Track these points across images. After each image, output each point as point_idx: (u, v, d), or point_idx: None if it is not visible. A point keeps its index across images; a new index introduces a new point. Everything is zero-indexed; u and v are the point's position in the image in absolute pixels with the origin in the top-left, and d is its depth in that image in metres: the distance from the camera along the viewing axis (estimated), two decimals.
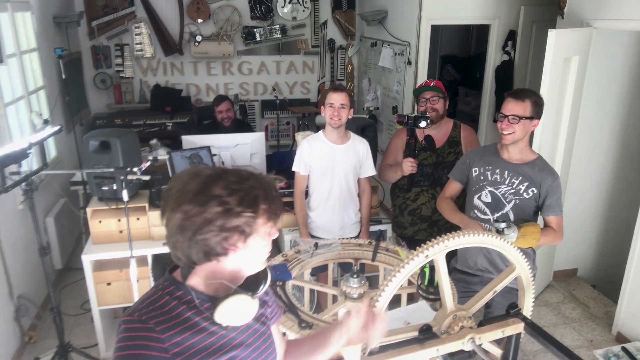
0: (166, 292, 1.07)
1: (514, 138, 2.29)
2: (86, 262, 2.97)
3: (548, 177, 2.31)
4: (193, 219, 1.00)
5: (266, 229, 1.08)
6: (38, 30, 4.22)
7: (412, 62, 4.62)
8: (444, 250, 1.71)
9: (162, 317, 1.02)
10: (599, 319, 3.66)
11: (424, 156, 2.92)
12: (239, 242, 1.04)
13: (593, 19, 3.43)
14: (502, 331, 1.80)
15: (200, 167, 1.14)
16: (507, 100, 2.30)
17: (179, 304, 1.05)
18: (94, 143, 2.96)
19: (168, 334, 1.00)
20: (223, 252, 1.04)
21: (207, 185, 1.02)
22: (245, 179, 1.06)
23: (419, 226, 3.01)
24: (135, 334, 0.99)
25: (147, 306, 1.04)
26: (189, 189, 1.02)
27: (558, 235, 2.34)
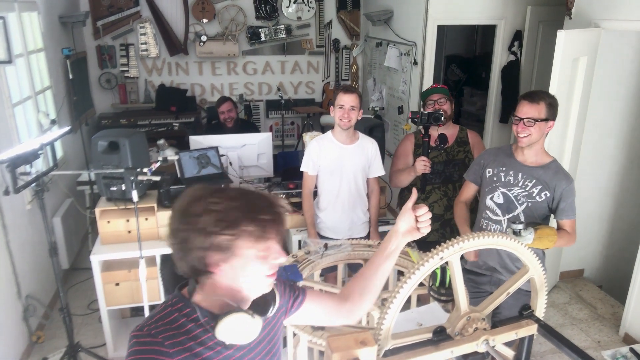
0: (175, 309, 1.08)
1: (530, 141, 2.29)
2: (95, 263, 2.97)
3: (562, 181, 2.30)
4: (176, 236, 1.05)
5: (255, 252, 1.05)
6: (44, 30, 4.22)
7: (418, 62, 4.62)
8: (459, 252, 1.70)
9: (170, 332, 1.04)
10: (606, 319, 3.65)
11: (434, 154, 2.93)
12: (222, 262, 1.04)
13: (601, 20, 3.43)
14: (516, 333, 1.80)
15: (205, 185, 1.11)
16: (522, 103, 2.29)
17: (187, 322, 1.07)
18: (103, 143, 2.96)
19: (176, 349, 1.02)
20: (207, 270, 1.05)
21: (190, 204, 1.05)
22: (232, 198, 1.05)
23: (432, 226, 2.98)
24: (145, 347, 1.01)
25: (157, 321, 1.06)
26: (177, 206, 1.08)
27: (571, 238, 2.34)
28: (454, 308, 2.19)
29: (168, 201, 3.07)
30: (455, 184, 2.97)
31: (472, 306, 1.80)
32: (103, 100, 5.93)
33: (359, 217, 2.95)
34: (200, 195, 1.06)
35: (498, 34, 4.65)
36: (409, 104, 4.86)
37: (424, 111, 2.74)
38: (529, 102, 2.26)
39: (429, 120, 2.70)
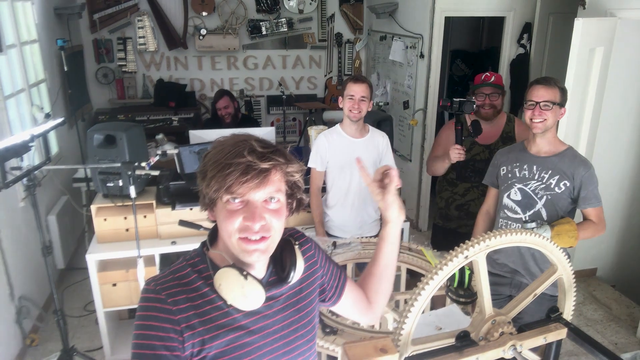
0: (189, 264, 1.06)
1: (545, 126, 2.17)
2: (91, 262, 2.83)
3: (580, 167, 2.17)
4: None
5: (221, 203, 0.99)
6: (39, 21, 4.08)
7: (425, 56, 4.48)
8: (484, 250, 1.57)
9: (177, 288, 1.00)
10: (622, 320, 3.53)
11: (477, 151, 2.80)
12: (209, 209, 1.04)
13: (617, 9, 3.29)
14: (545, 337, 1.67)
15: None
16: (535, 87, 2.18)
17: (198, 278, 1.03)
18: (99, 137, 2.82)
19: (180, 306, 0.98)
20: (208, 218, 1.06)
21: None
22: (220, 144, 1.01)
23: (465, 221, 2.90)
24: (148, 304, 0.98)
25: (167, 275, 1.03)
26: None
27: (599, 228, 2.21)
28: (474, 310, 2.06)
29: (167, 198, 2.94)
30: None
31: (496, 309, 1.67)
32: (100, 96, 5.79)
33: (369, 215, 2.80)
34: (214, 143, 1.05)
35: (507, 26, 4.52)
36: (415, 98, 4.73)
37: (455, 99, 2.60)
38: (545, 85, 2.16)
39: (460, 109, 2.56)
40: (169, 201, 2.95)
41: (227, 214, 0.99)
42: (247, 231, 0.99)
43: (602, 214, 2.24)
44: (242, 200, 0.98)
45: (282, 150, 1.03)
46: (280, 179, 1.02)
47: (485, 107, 2.75)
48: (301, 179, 1.07)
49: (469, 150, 2.80)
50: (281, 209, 1.04)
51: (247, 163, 0.95)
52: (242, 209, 0.98)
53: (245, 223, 0.98)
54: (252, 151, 0.96)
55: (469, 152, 2.79)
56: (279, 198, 1.02)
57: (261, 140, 1.01)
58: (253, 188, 0.97)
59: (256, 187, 0.97)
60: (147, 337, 0.95)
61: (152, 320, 0.96)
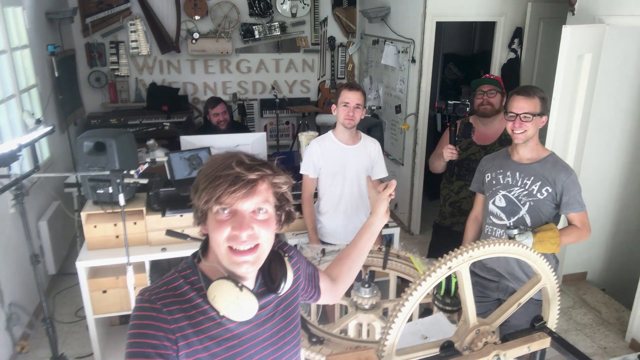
0: (182, 275, 1.08)
1: (526, 136, 2.20)
2: (81, 269, 2.82)
3: (562, 173, 2.20)
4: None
5: (212, 214, 1.03)
6: (30, 26, 4.07)
7: (417, 60, 4.50)
8: (468, 261, 1.59)
9: (171, 299, 1.03)
10: (611, 324, 3.55)
11: (473, 151, 2.86)
12: (201, 222, 1.07)
13: (605, 15, 3.32)
14: (528, 347, 1.69)
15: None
16: (515, 98, 2.20)
17: (190, 289, 1.05)
18: (89, 144, 2.81)
19: (175, 316, 1.01)
20: (201, 231, 1.09)
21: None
22: (213, 160, 1.05)
23: (458, 218, 2.97)
24: (143, 313, 1.00)
25: (161, 286, 1.06)
26: None
27: (583, 233, 2.22)
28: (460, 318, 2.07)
29: (157, 204, 2.93)
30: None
31: (481, 318, 1.68)
32: (93, 100, 5.77)
33: (361, 222, 2.78)
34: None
35: (498, 31, 4.55)
36: (407, 102, 4.74)
37: (450, 102, 2.65)
38: (525, 96, 2.18)
39: (454, 111, 2.65)
40: (159, 208, 2.94)
41: (216, 224, 1.01)
42: (235, 240, 1.01)
43: (585, 218, 2.26)
44: (231, 210, 1.01)
45: (269, 164, 1.07)
46: (268, 190, 1.05)
47: (483, 104, 2.81)
48: (289, 191, 1.10)
49: (466, 150, 2.87)
50: (269, 220, 1.06)
51: (236, 174, 0.99)
52: (230, 219, 1.01)
53: (233, 232, 1.00)
54: (240, 163, 1.01)
55: (466, 151, 2.86)
56: (267, 209, 1.05)
57: (250, 155, 1.06)
58: (241, 198, 1.00)
59: (244, 197, 1.00)
60: (142, 345, 0.97)
61: (147, 329, 0.98)
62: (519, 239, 2.10)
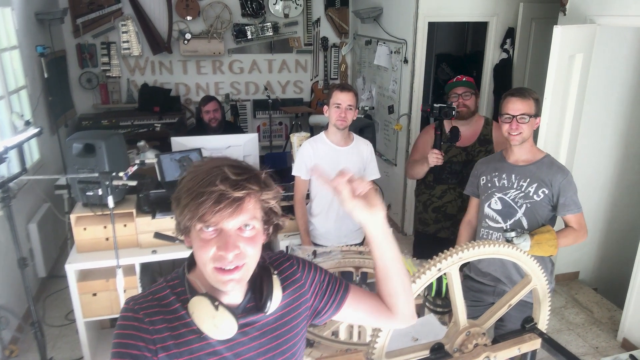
0: (169, 285, 1.06)
1: (522, 138, 2.21)
2: (70, 272, 2.80)
3: (558, 174, 2.20)
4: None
5: (195, 231, 0.97)
6: (19, 27, 4.03)
7: (409, 61, 4.50)
8: (457, 262, 1.58)
9: (155, 309, 1.01)
10: (603, 324, 3.56)
11: (454, 153, 2.82)
12: (185, 235, 1.02)
13: (597, 15, 3.33)
14: (519, 348, 1.68)
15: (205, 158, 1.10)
16: (511, 100, 2.21)
17: (176, 300, 1.04)
18: (78, 146, 2.79)
19: (157, 326, 0.99)
20: (186, 243, 1.04)
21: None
22: (195, 169, 0.99)
23: (443, 224, 2.94)
24: (126, 322, 1.00)
25: (147, 296, 1.04)
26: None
27: (580, 234, 2.23)
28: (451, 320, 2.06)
29: (147, 206, 2.91)
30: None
31: (471, 320, 1.68)
32: (84, 101, 5.73)
33: (353, 224, 2.80)
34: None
35: (490, 32, 4.55)
36: (400, 103, 4.74)
37: (436, 105, 2.63)
38: (520, 98, 2.19)
39: (440, 115, 2.61)
40: (149, 210, 2.92)
41: (200, 243, 0.97)
42: (221, 261, 0.97)
43: (582, 220, 2.26)
44: (216, 229, 0.96)
45: (257, 177, 1.00)
46: (255, 206, 1.00)
47: (459, 106, 2.78)
48: (277, 204, 1.05)
49: (446, 153, 2.83)
50: (256, 235, 1.02)
51: (220, 192, 0.93)
52: (215, 237, 0.97)
53: (219, 253, 0.96)
54: (225, 179, 0.94)
55: (446, 154, 2.82)
56: (254, 225, 1.00)
57: (236, 166, 0.99)
58: (226, 217, 0.95)
59: (229, 216, 0.95)
60: (123, 355, 0.97)
61: (129, 339, 0.98)
62: (516, 242, 2.10)
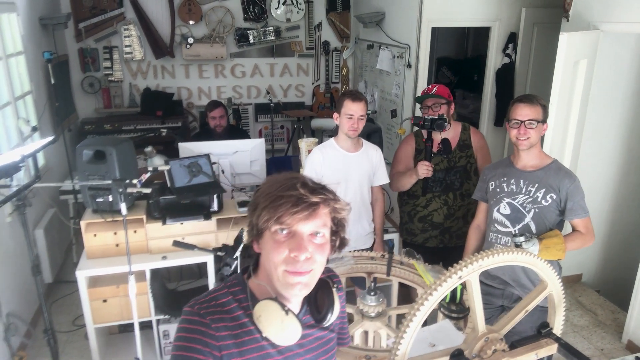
0: (231, 292, 1.08)
1: (530, 143, 2.25)
2: (81, 278, 2.80)
3: (565, 179, 2.24)
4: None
5: (269, 232, 1.02)
6: (24, 32, 4.03)
7: (412, 65, 4.53)
8: (477, 270, 1.60)
9: (219, 315, 1.03)
10: (607, 326, 3.60)
11: (436, 160, 2.82)
12: (255, 240, 1.07)
13: (600, 22, 3.37)
14: (536, 353, 1.71)
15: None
16: (519, 105, 2.24)
17: (238, 307, 1.06)
18: (88, 152, 2.80)
19: (222, 333, 1.01)
20: (253, 249, 1.08)
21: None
22: (274, 180, 1.06)
23: (430, 233, 2.92)
24: (192, 326, 1.01)
25: (210, 301, 1.06)
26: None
27: (587, 238, 2.27)
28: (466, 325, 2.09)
29: (158, 212, 2.92)
30: (456, 192, 2.88)
31: (489, 326, 1.70)
32: (86, 105, 5.73)
33: (364, 228, 2.83)
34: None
35: (492, 36, 4.59)
36: (403, 107, 4.77)
37: (427, 117, 2.64)
38: (528, 104, 2.22)
39: (432, 126, 2.61)
40: (159, 216, 2.93)
41: (274, 244, 1.01)
42: (292, 263, 1.01)
43: (589, 224, 2.29)
44: (290, 231, 1.01)
45: (329, 189, 1.07)
46: (327, 215, 1.05)
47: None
48: (347, 217, 1.11)
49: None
50: (325, 244, 1.06)
51: (299, 195, 0.99)
52: (288, 240, 1.01)
53: (292, 255, 1.00)
54: (304, 185, 1.01)
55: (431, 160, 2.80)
56: (324, 233, 1.05)
57: (310, 178, 1.07)
58: (302, 220, 1.00)
59: (305, 219, 1.00)
60: (188, 359, 0.98)
61: (195, 343, 0.99)
62: (525, 247, 2.13)
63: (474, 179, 2.86)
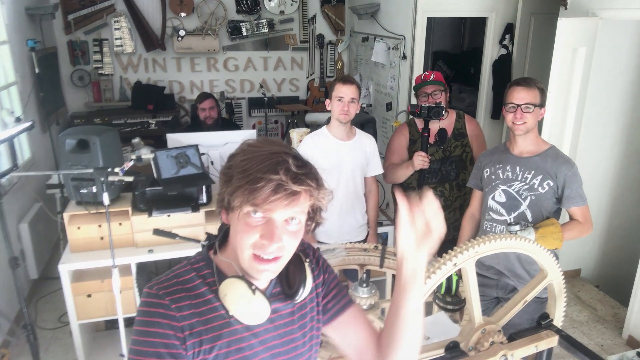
0: (194, 268, 1.02)
1: (527, 128, 2.16)
2: (64, 273, 2.70)
3: (563, 166, 2.15)
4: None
5: (241, 212, 0.94)
6: (9, 22, 3.92)
7: (408, 57, 4.44)
8: (474, 257, 1.52)
9: (181, 293, 0.97)
10: (607, 322, 3.52)
11: (430, 151, 2.73)
12: (224, 213, 1.00)
13: (599, 9, 3.29)
14: (536, 346, 1.62)
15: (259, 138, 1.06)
16: (516, 89, 2.16)
17: (202, 283, 1.00)
18: (71, 142, 2.69)
19: (184, 312, 0.96)
20: (222, 220, 1.02)
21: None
22: (251, 151, 0.96)
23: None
24: (151, 309, 0.95)
25: (170, 279, 1.00)
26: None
27: (585, 228, 2.18)
28: (462, 317, 2.00)
29: (143, 204, 2.82)
30: (452, 182, 2.79)
31: (485, 317, 1.61)
32: (76, 99, 5.61)
33: (357, 220, 2.73)
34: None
35: (489, 27, 4.50)
36: (398, 100, 4.68)
37: (424, 105, 2.55)
38: (525, 87, 2.14)
39: (429, 115, 2.52)
40: (145, 208, 2.83)
41: (244, 227, 0.94)
42: (261, 249, 0.95)
43: (587, 213, 2.21)
44: (264, 216, 0.94)
45: (315, 173, 1.00)
46: (307, 201, 0.98)
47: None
48: (327, 204, 1.03)
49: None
50: (299, 230, 0.99)
51: (279, 182, 0.91)
52: (261, 225, 0.94)
53: (262, 241, 0.94)
54: (288, 170, 0.92)
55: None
56: (301, 219, 0.98)
57: (298, 158, 0.97)
58: (280, 208, 0.93)
59: (283, 207, 0.93)
60: (149, 344, 0.93)
61: (155, 327, 0.93)
62: (521, 235, 2.04)
63: (469, 168, 2.78)
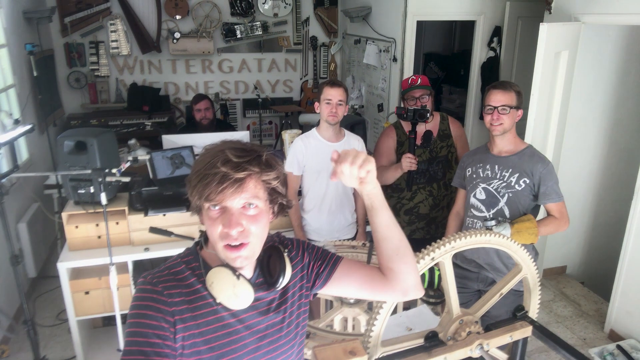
0: (184, 261, 1.12)
1: (504, 129, 2.28)
2: (62, 270, 2.78)
3: (538, 164, 2.28)
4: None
5: (204, 210, 1.06)
6: (7, 25, 4.00)
7: (398, 59, 4.54)
8: (450, 252, 1.62)
9: (172, 282, 1.07)
10: (590, 316, 3.63)
11: (417, 153, 2.82)
12: (199, 215, 1.09)
13: (581, 14, 3.40)
14: (511, 336, 1.72)
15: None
16: (493, 92, 2.30)
17: (191, 275, 1.09)
18: (69, 143, 2.78)
19: (175, 299, 1.04)
20: (200, 221, 1.10)
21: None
22: (207, 151, 1.06)
23: (417, 225, 2.91)
24: (144, 294, 1.04)
25: (163, 270, 1.10)
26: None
27: (561, 223, 2.29)
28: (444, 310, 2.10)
29: (140, 204, 2.91)
30: (440, 182, 2.89)
31: (463, 308, 1.71)
32: (72, 100, 5.69)
33: (346, 219, 2.83)
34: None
35: (477, 30, 4.61)
36: (389, 101, 4.78)
37: (410, 107, 2.65)
38: (502, 90, 2.27)
39: (415, 117, 2.61)
40: (141, 207, 2.92)
41: (209, 221, 1.05)
42: (227, 238, 1.04)
43: (563, 208, 2.32)
44: (221, 207, 1.04)
45: (259, 158, 1.05)
46: (257, 186, 1.06)
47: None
48: (279, 184, 1.11)
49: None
50: (259, 214, 1.07)
51: (222, 174, 1.01)
52: (220, 216, 1.04)
53: (224, 230, 1.03)
54: (227, 162, 1.01)
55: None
56: (257, 204, 1.06)
57: (238, 149, 1.05)
58: (229, 196, 1.02)
59: (231, 195, 1.02)
60: (141, 325, 1.00)
61: (148, 310, 1.01)
62: (496, 230, 2.15)
63: (455, 168, 2.88)
